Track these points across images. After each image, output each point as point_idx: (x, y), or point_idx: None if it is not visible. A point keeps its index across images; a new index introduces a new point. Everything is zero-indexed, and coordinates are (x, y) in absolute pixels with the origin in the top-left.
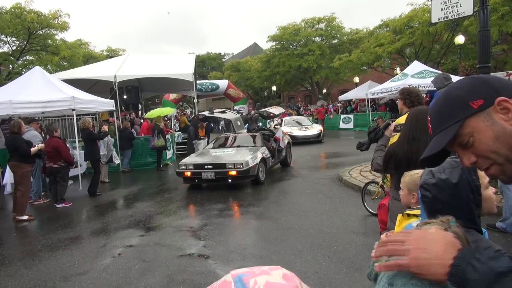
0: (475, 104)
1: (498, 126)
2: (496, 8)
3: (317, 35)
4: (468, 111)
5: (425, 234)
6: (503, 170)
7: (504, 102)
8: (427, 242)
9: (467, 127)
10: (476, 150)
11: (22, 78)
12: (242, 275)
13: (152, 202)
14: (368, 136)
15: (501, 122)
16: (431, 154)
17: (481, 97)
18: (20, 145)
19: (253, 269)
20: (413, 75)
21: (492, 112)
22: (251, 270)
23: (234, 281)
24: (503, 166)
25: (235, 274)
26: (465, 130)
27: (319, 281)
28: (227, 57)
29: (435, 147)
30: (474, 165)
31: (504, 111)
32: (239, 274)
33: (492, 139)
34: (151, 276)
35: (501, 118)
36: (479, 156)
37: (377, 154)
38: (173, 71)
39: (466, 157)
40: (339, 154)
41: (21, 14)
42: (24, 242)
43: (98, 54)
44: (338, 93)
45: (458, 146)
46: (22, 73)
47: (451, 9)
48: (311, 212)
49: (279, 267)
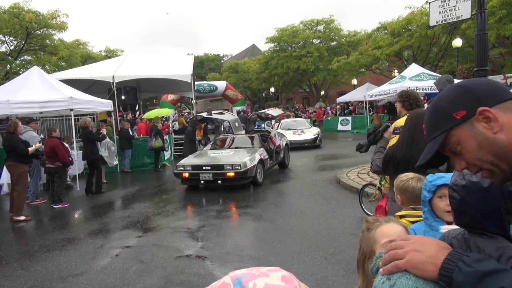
0: (458, 115)
1: (480, 135)
2: (494, 11)
3: (316, 37)
4: (451, 122)
5: (422, 239)
6: (492, 174)
7: (486, 111)
8: (423, 245)
9: (453, 136)
10: (464, 157)
11: (20, 78)
12: (241, 277)
13: (150, 203)
14: (368, 138)
15: (484, 131)
16: (425, 162)
17: (463, 108)
18: (17, 145)
19: (251, 271)
20: (411, 78)
21: (475, 122)
22: (250, 272)
23: (233, 284)
24: (490, 171)
25: (234, 276)
26: (451, 140)
27: (316, 282)
28: (226, 58)
29: (426, 155)
30: (465, 169)
31: (486, 120)
32: (238, 276)
33: (476, 147)
34: (148, 277)
35: (484, 127)
36: (468, 163)
37: (376, 156)
38: (171, 72)
39: (457, 163)
40: (337, 156)
41: (19, 14)
42: (21, 242)
43: (96, 54)
44: (336, 95)
45: (449, 152)
46: (20, 73)
47: (449, 12)
48: (309, 214)
49: (278, 268)
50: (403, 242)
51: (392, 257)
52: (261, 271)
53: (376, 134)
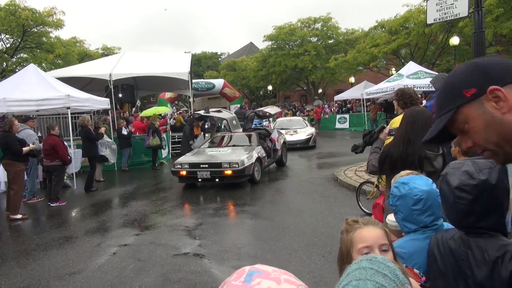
0: (468, 92)
1: (488, 115)
2: (491, 9)
3: (313, 35)
4: (461, 99)
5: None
6: (495, 154)
7: (496, 91)
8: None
9: (461, 114)
10: (471, 136)
11: (16, 76)
12: (255, 271)
13: (147, 201)
14: (363, 139)
15: (492, 111)
16: (431, 137)
17: (474, 85)
18: (12, 143)
19: (273, 271)
20: (408, 76)
21: (484, 101)
22: (268, 271)
23: (247, 273)
24: (493, 152)
25: (252, 268)
26: (459, 117)
27: (314, 280)
28: (223, 56)
29: (433, 131)
30: (470, 149)
31: (496, 100)
32: (256, 269)
33: (483, 127)
34: (146, 275)
35: (493, 107)
36: (474, 143)
37: (372, 156)
38: (169, 70)
39: (463, 142)
40: (334, 154)
41: (15, 11)
42: (18, 241)
43: (93, 52)
44: (334, 93)
45: (457, 130)
46: (16, 71)
47: (446, 10)
48: (306, 212)
49: (302, 284)
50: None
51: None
52: (278, 277)
53: (372, 135)
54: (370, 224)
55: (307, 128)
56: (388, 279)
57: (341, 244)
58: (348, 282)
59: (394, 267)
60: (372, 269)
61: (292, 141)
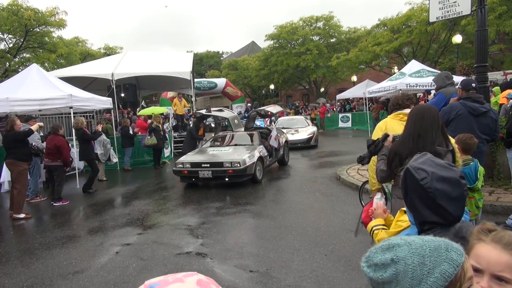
0: None
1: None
2: (494, 7)
3: (315, 34)
4: None
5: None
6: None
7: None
8: None
9: None
10: None
11: (19, 75)
12: (154, 285)
13: (150, 200)
14: (368, 149)
15: None
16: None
17: None
18: (19, 134)
19: (167, 278)
20: (411, 74)
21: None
22: (165, 279)
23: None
24: None
25: (148, 284)
26: None
27: (316, 279)
28: (225, 55)
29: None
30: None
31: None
32: (152, 283)
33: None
34: (148, 275)
35: None
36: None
37: (379, 163)
38: (171, 69)
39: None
40: (337, 153)
41: (18, 11)
42: (21, 240)
43: (95, 52)
44: (336, 91)
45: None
46: (19, 70)
47: (449, 8)
48: (309, 211)
49: (195, 273)
50: None
51: None
52: (176, 277)
53: (377, 145)
54: (498, 243)
55: (308, 127)
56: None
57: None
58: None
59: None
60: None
61: (293, 140)
